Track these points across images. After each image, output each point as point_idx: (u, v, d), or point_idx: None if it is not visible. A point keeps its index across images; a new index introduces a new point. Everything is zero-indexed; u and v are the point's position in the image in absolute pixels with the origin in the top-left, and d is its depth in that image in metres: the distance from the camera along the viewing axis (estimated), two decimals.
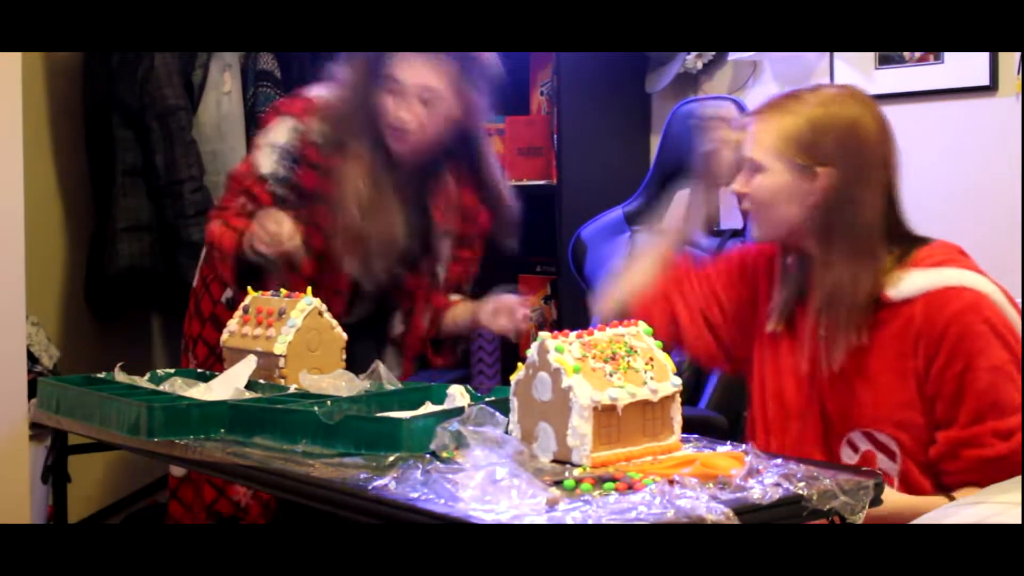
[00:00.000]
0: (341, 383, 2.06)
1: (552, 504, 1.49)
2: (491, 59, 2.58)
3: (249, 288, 2.41)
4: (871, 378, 1.93)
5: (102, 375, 2.25)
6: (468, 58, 2.49)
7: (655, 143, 3.27)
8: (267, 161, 2.55)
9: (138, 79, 3.39)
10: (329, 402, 1.88)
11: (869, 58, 2.94)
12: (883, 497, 1.65)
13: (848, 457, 1.95)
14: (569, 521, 1.44)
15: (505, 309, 2.59)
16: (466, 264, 2.75)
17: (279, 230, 2.37)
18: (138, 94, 3.40)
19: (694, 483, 1.53)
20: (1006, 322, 1.88)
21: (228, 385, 2.10)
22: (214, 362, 2.54)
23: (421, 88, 2.44)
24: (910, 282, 1.92)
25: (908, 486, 1.91)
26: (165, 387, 2.14)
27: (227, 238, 2.50)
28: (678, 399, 1.78)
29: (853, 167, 1.95)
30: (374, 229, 2.50)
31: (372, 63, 2.47)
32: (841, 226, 1.94)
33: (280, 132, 2.56)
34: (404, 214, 2.55)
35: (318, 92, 2.60)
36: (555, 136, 3.31)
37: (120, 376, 2.21)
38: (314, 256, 2.52)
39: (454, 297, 2.74)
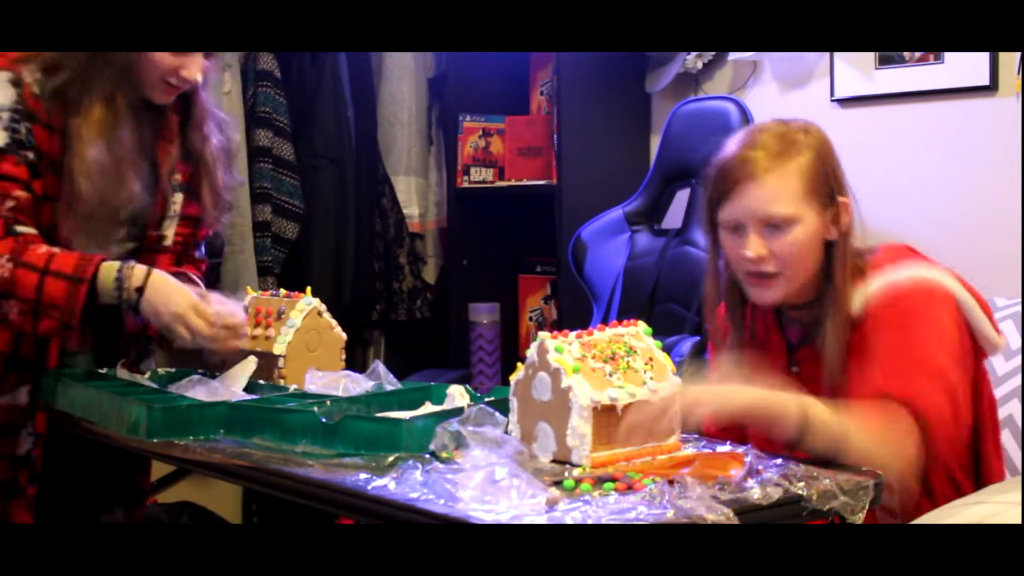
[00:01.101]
0: (348, 382, 2.06)
1: (552, 504, 1.49)
2: None
3: (249, 288, 2.41)
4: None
5: (103, 370, 2.25)
6: None
7: (655, 143, 3.27)
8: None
9: None
10: (329, 402, 1.88)
11: (869, 58, 2.94)
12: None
13: None
14: (569, 521, 1.44)
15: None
16: (194, 223, 2.40)
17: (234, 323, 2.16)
18: None
19: (694, 483, 1.53)
20: (933, 312, 1.85)
21: (228, 386, 2.10)
22: None
23: None
24: (860, 295, 1.89)
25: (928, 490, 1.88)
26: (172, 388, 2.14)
27: (57, 288, 2.10)
28: (678, 399, 1.78)
29: (848, 192, 1.93)
30: (112, 201, 2.21)
31: None
32: (847, 257, 1.91)
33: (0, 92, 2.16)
34: (142, 176, 2.27)
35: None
36: (555, 136, 3.31)
37: (122, 373, 2.21)
38: (47, 240, 2.18)
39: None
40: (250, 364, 2.16)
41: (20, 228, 2.15)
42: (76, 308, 2.11)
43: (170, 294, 2.13)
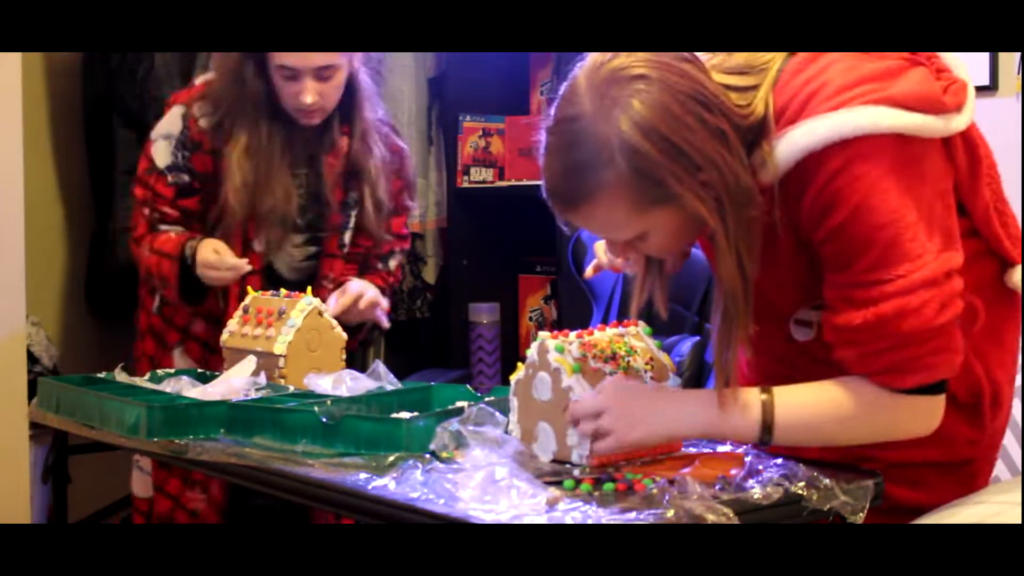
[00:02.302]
0: (348, 382, 2.06)
1: (552, 504, 1.49)
2: None
3: (249, 288, 2.41)
4: (781, 270, 1.69)
5: (102, 375, 2.25)
6: None
7: None
8: (163, 154, 2.61)
9: (138, 79, 3.39)
10: (329, 402, 1.88)
11: None
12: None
13: (802, 335, 1.73)
14: (569, 521, 1.44)
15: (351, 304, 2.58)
16: (372, 234, 2.74)
17: (220, 262, 2.49)
18: (138, 94, 3.40)
19: (694, 483, 1.53)
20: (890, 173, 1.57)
21: (227, 385, 2.10)
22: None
23: (315, 69, 2.48)
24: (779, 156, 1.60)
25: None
26: (167, 387, 2.14)
27: (164, 266, 2.57)
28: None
29: None
30: (265, 202, 2.56)
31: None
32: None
33: (171, 122, 2.62)
34: (298, 183, 2.62)
35: (204, 77, 2.68)
36: None
37: (120, 376, 2.22)
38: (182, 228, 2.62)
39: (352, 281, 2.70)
40: (249, 363, 2.16)
41: (163, 227, 2.61)
42: (172, 281, 2.56)
43: (199, 250, 2.53)
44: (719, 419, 1.63)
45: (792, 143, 1.60)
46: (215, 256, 2.50)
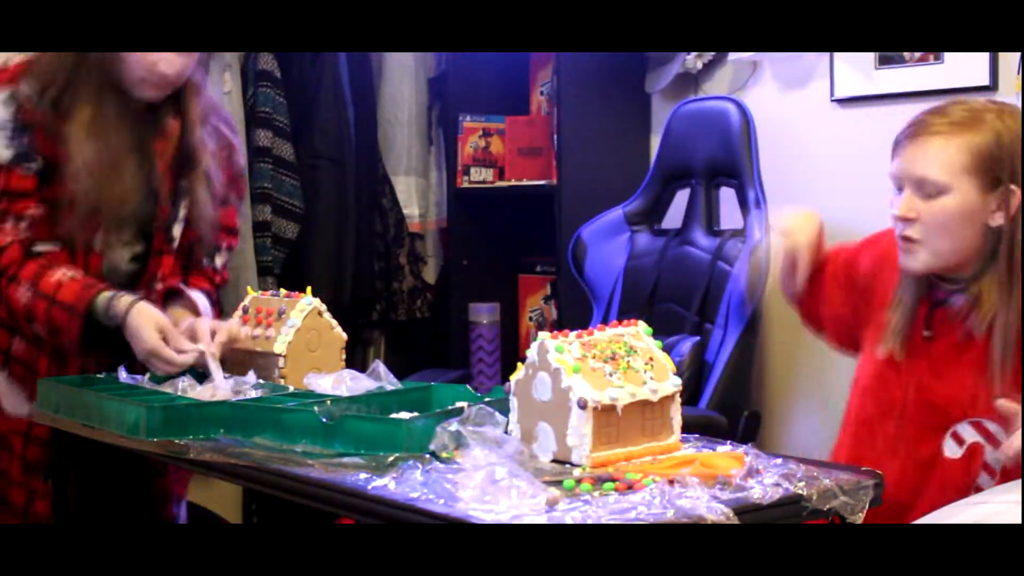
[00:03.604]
0: (348, 382, 2.06)
1: (552, 504, 1.49)
2: None
3: (249, 288, 2.41)
4: (981, 364, 1.88)
5: (102, 375, 2.25)
6: None
7: (655, 143, 3.27)
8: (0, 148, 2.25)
9: None
10: (329, 402, 1.88)
11: (869, 58, 2.94)
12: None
13: (951, 451, 1.90)
14: (569, 521, 1.44)
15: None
16: (204, 227, 2.42)
17: (171, 357, 2.18)
18: None
19: (694, 483, 1.53)
20: None
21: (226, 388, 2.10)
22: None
23: None
24: None
25: (1006, 474, 1.85)
26: (167, 388, 2.14)
27: (59, 317, 2.22)
28: (678, 399, 1.78)
29: None
30: (114, 190, 2.26)
31: None
32: (1014, 247, 1.86)
33: None
34: (136, 175, 2.31)
35: (23, 56, 2.31)
36: (555, 136, 3.31)
37: (123, 377, 2.21)
38: (60, 244, 2.27)
39: (193, 294, 2.40)
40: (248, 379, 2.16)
41: (41, 247, 2.27)
42: (74, 336, 2.22)
43: (140, 331, 2.19)
44: None
45: None
46: (166, 350, 2.18)
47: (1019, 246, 1.87)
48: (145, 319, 2.19)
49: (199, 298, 2.40)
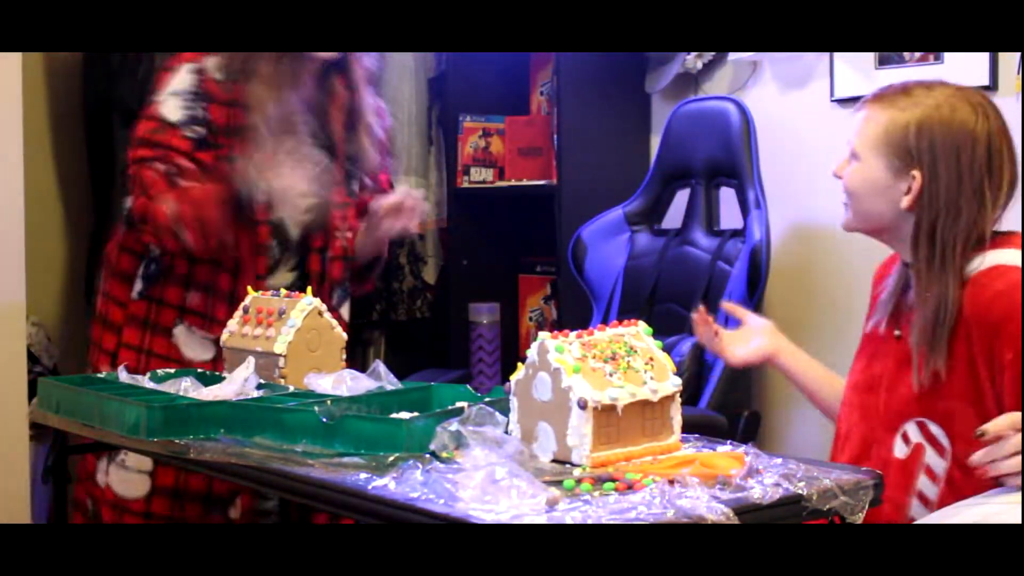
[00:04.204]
0: (348, 382, 2.06)
1: (552, 504, 1.49)
2: None
3: (249, 288, 2.41)
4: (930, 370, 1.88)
5: (102, 375, 2.25)
6: None
7: (655, 143, 3.27)
8: (172, 109, 2.47)
9: (138, 79, 3.39)
10: (329, 402, 1.88)
11: (869, 58, 2.94)
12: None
13: (899, 450, 1.92)
14: (569, 521, 1.44)
15: (396, 208, 2.54)
16: (367, 169, 2.64)
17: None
18: (138, 94, 3.40)
19: (694, 483, 1.53)
20: None
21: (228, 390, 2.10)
22: (147, 363, 2.49)
23: None
24: (966, 270, 1.88)
25: (953, 488, 1.86)
26: (168, 388, 2.14)
27: (207, 210, 2.40)
28: (678, 399, 1.78)
29: (953, 175, 1.88)
30: (289, 156, 2.44)
31: None
32: (934, 235, 1.88)
33: (180, 80, 2.48)
34: (314, 132, 2.53)
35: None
36: (555, 136, 3.31)
37: (123, 376, 2.21)
38: (230, 204, 2.44)
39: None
40: (247, 366, 2.15)
41: (182, 182, 2.44)
42: (214, 220, 2.39)
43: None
44: None
45: None
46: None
47: (927, 237, 1.89)
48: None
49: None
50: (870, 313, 2.08)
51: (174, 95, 2.47)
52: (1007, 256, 1.86)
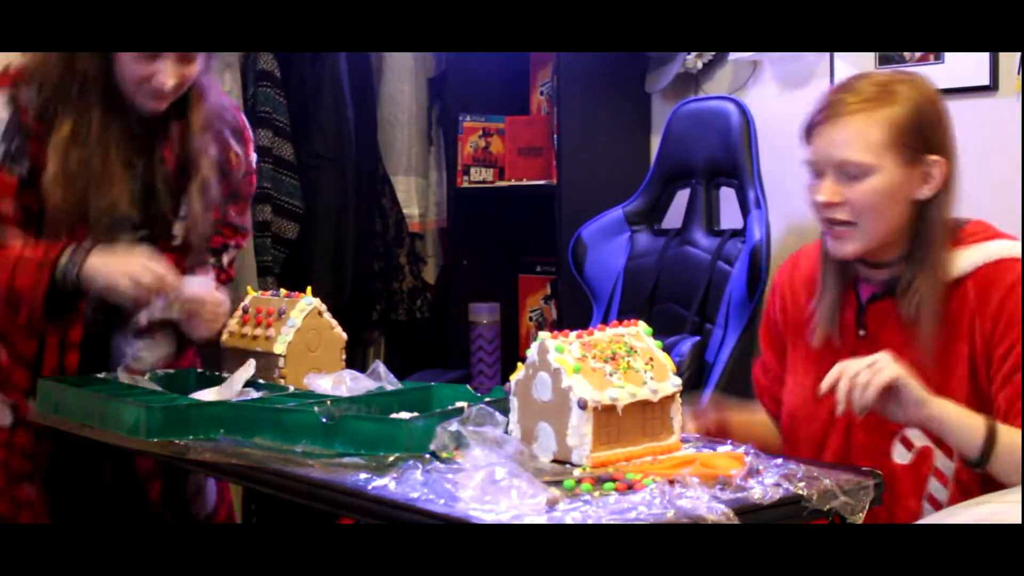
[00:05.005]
0: (348, 382, 2.06)
1: (552, 504, 1.49)
2: None
3: (249, 288, 2.41)
4: (926, 367, 1.81)
5: (102, 375, 2.24)
6: None
7: (655, 143, 3.27)
8: None
9: None
10: (329, 402, 1.88)
11: (869, 58, 2.94)
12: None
13: (900, 456, 1.86)
14: (569, 521, 1.44)
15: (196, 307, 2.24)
16: (195, 234, 2.36)
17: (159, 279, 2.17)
18: None
19: (694, 483, 1.53)
20: None
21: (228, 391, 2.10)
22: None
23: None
24: (960, 262, 1.83)
25: (962, 487, 1.83)
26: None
27: (22, 279, 2.16)
28: (678, 399, 1.78)
29: (953, 154, 1.84)
30: (98, 201, 2.22)
31: None
32: (941, 220, 1.84)
33: None
34: (133, 177, 2.27)
35: (22, 59, 2.27)
36: (555, 136, 3.31)
37: (123, 377, 2.21)
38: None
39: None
40: (248, 368, 2.15)
41: (7, 240, 2.20)
42: (40, 293, 2.15)
43: (118, 252, 2.18)
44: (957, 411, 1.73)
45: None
46: (150, 273, 2.16)
47: (944, 216, 1.84)
48: (108, 252, 2.19)
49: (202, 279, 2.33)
50: (810, 325, 1.97)
51: None
52: (1009, 248, 1.84)
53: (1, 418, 2.29)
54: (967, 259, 1.84)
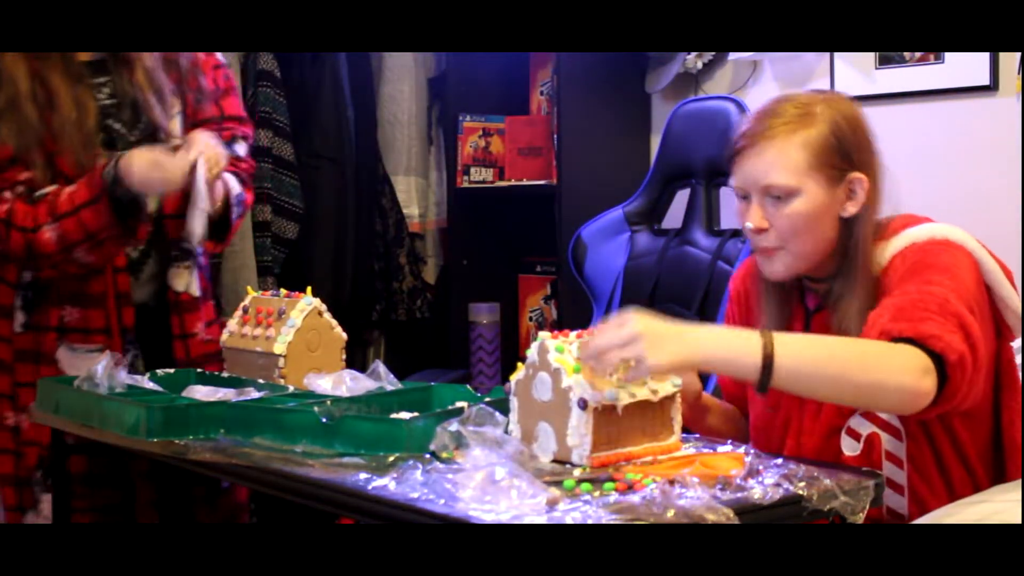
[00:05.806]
0: (348, 382, 2.06)
1: (552, 504, 1.49)
2: None
3: (249, 288, 2.41)
4: None
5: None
6: None
7: (655, 143, 3.27)
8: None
9: None
10: (329, 402, 1.88)
11: (869, 58, 2.94)
12: None
13: (850, 448, 1.85)
14: (569, 521, 1.44)
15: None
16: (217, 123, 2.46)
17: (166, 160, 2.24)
18: None
19: (694, 483, 1.53)
20: (948, 260, 1.78)
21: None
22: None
23: None
24: (883, 255, 1.84)
25: (915, 465, 1.82)
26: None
27: (86, 217, 2.24)
28: (678, 399, 1.78)
29: (877, 169, 1.86)
30: (60, 119, 2.28)
31: None
32: (865, 237, 1.85)
33: None
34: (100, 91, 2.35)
35: None
36: (555, 136, 3.31)
37: (123, 376, 2.21)
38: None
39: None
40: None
41: (39, 193, 2.27)
42: (111, 222, 2.24)
43: (135, 157, 2.23)
44: (731, 335, 1.69)
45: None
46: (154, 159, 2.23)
47: (869, 230, 1.84)
48: (138, 152, 2.25)
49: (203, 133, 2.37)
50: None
51: None
52: (929, 231, 1.84)
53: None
54: (889, 249, 1.84)
